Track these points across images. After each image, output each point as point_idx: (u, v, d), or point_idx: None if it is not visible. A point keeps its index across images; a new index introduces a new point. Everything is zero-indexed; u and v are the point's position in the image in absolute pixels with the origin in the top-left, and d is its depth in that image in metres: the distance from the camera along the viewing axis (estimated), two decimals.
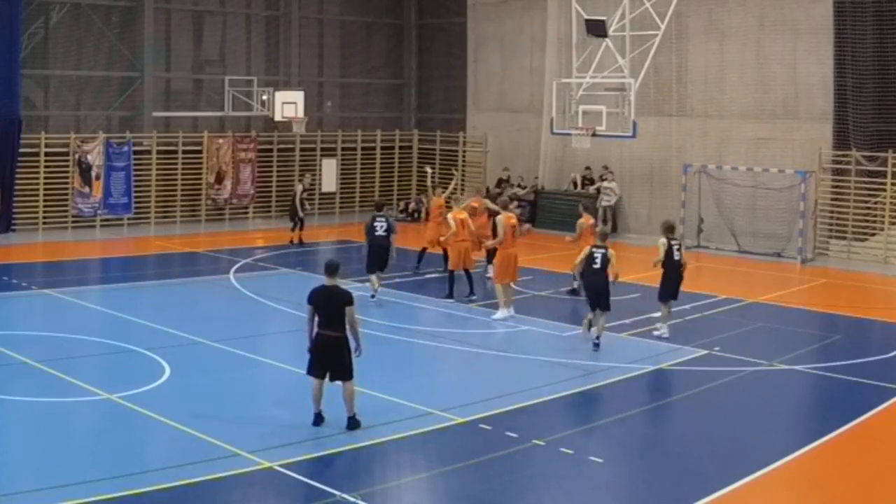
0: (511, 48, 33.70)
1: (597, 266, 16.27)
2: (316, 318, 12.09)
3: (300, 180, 28.82)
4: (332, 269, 12.37)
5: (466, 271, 20.10)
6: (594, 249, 16.44)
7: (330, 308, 12.02)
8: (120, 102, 30.07)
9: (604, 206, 29.76)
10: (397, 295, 20.48)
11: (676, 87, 29.38)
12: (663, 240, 17.26)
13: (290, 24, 33.35)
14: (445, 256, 21.21)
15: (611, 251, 16.46)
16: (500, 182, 32.40)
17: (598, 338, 16.29)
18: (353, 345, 12.12)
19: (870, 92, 25.71)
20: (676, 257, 17.33)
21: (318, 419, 12.18)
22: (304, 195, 27.73)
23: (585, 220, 19.95)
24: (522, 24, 33.29)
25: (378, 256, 19.64)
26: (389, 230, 19.65)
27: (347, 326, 12.03)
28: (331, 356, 12.04)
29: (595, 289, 16.39)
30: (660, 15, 24.02)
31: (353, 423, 12.09)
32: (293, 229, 26.75)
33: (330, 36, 34.96)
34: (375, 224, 19.70)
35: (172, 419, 12.15)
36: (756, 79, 28.01)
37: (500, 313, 18.43)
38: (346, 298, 12.09)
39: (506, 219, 18.64)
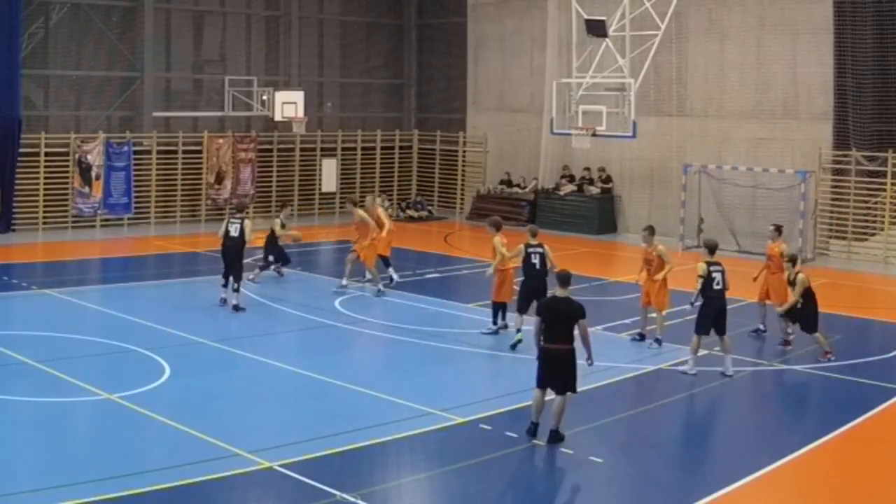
0: (511, 48, 33.69)
1: (718, 287, 15.04)
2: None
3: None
4: (564, 280, 12.08)
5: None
6: (712, 268, 15.10)
7: (558, 321, 11.74)
8: (120, 102, 30.07)
9: None
10: (397, 294, 20.50)
11: (676, 87, 29.37)
12: (702, 264, 15.32)
13: (290, 24, 33.34)
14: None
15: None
16: None
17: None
18: (584, 354, 11.92)
19: (870, 92, 25.71)
20: (718, 286, 15.17)
21: (534, 429, 11.86)
22: None
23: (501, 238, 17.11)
24: (522, 24, 33.28)
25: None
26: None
27: (580, 338, 11.76)
28: (557, 369, 11.74)
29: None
30: (660, 15, 24.01)
31: (555, 437, 11.73)
32: None
33: (330, 36, 34.96)
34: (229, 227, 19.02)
35: (172, 419, 12.15)
36: (756, 79, 28.01)
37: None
38: (578, 313, 11.75)
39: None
